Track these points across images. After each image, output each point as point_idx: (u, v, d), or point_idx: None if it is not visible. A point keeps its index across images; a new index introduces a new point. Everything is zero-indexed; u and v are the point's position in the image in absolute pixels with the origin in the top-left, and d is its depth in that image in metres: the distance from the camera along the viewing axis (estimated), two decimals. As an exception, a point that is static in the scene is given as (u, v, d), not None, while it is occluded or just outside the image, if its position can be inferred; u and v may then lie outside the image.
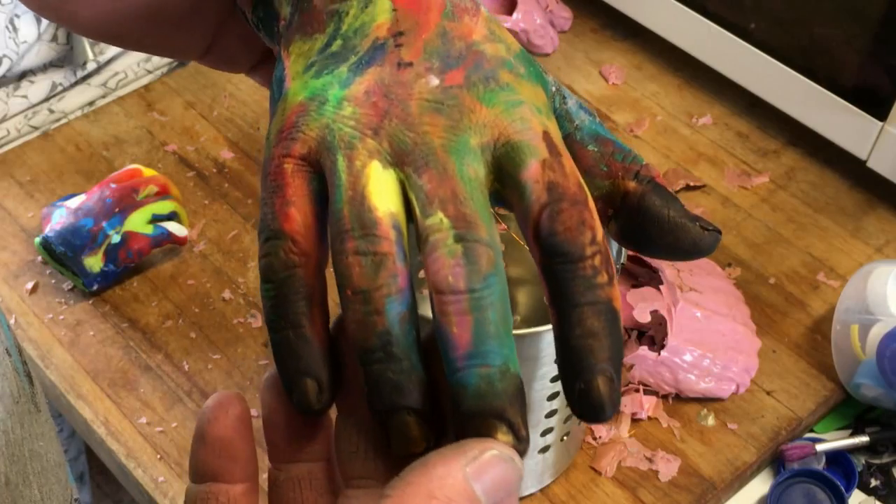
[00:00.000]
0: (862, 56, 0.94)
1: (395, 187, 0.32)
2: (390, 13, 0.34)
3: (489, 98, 0.33)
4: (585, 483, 0.80)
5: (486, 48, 0.34)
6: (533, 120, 0.33)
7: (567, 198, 0.32)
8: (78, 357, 0.87)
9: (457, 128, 0.32)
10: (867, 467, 0.83)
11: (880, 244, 0.98)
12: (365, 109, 0.32)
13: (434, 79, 0.33)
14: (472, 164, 0.32)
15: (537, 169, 0.32)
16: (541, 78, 0.36)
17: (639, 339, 0.87)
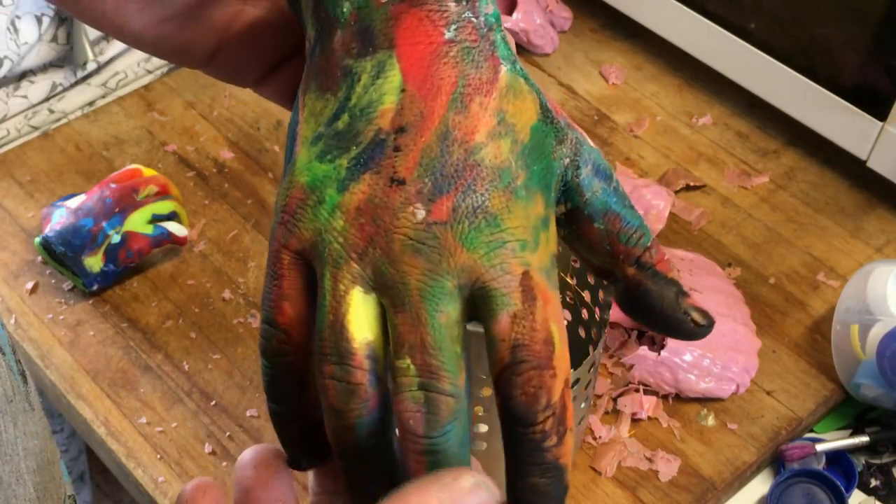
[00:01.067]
0: (862, 56, 0.94)
1: (376, 312, 0.35)
2: (398, 95, 0.35)
3: (471, 239, 0.34)
4: (585, 483, 0.80)
5: (486, 155, 0.35)
6: (513, 263, 0.34)
7: (529, 360, 0.34)
8: (78, 357, 0.87)
9: (435, 271, 0.34)
10: (867, 467, 0.83)
11: (880, 244, 0.98)
12: (354, 230, 0.35)
13: (420, 211, 0.34)
14: (446, 309, 0.34)
15: (506, 324, 0.34)
16: (545, 167, 0.36)
17: (639, 339, 0.87)
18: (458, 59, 0.35)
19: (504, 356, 0.34)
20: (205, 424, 0.83)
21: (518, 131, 0.36)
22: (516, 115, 0.36)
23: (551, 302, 0.35)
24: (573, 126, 0.38)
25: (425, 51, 0.35)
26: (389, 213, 0.34)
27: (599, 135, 1.08)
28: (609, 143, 1.07)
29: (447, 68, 0.35)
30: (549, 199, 0.37)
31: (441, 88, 0.35)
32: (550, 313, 0.34)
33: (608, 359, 0.86)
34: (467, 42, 0.36)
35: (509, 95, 0.36)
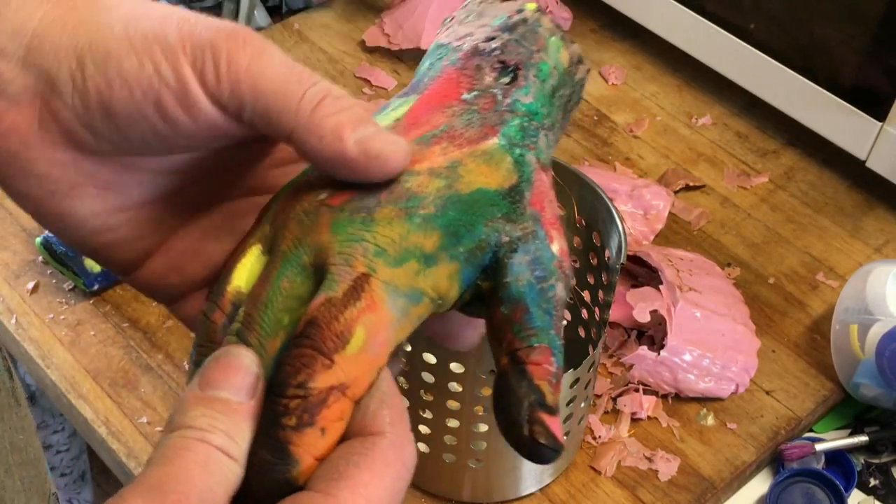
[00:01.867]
0: (861, 56, 0.94)
1: (258, 268, 0.37)
2: (391, 124, 0.39)
3: (339, 226, 0.36)
4: (585, 482, 0.80)
5: (412, 181, 0.36)
6: (359, 260, 0.35)
7: (312, 340, 0.34)
8: (78, 357, 0.87)
9: (299, 242, 0.36)
10: (866, 467, 0.83)
11: (879, 244, 0.99)
12: (282, 201, 0.38)
13: (323, 193, 0.36)
14: (294, 279, 0.36)
15: (317, 303, 0.34)
16: (466, 222, 0.36)
17: (638, 338, 0.88)
18: (456, 115, 0.38)
19: (299, 329, 0.34)
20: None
21: (460, 181, 0.37)
22: (472, 172, 0.37)
23: (376, 315, 0.35)
24: (546, 226, 0.38)
25: (438, 100, 0.39)
26: (307, 191, 0.37)
27: (599, 135, 1.08)
28: (609, 143, 1.07)
29: (441, 116, 0.38)
30: (451, 251, 0.36)
31: (421, 126, 0.38)
32: (366, 322, 0.34)
33: (608, 359, 0.87)
34: (477, 107, 0.39)
35: (480, 158, 0.37)
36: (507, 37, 0.40)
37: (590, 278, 0.76)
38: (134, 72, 0.36)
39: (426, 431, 0.72)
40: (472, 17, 0.42)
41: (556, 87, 0.41)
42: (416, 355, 0.67)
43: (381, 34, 1.15)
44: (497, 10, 0.41)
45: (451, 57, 0.40)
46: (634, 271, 0.91)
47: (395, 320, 0.35)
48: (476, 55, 0.40)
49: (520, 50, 0.40)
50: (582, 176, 0.73)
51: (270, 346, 0.35)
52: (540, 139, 0.39)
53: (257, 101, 0.36)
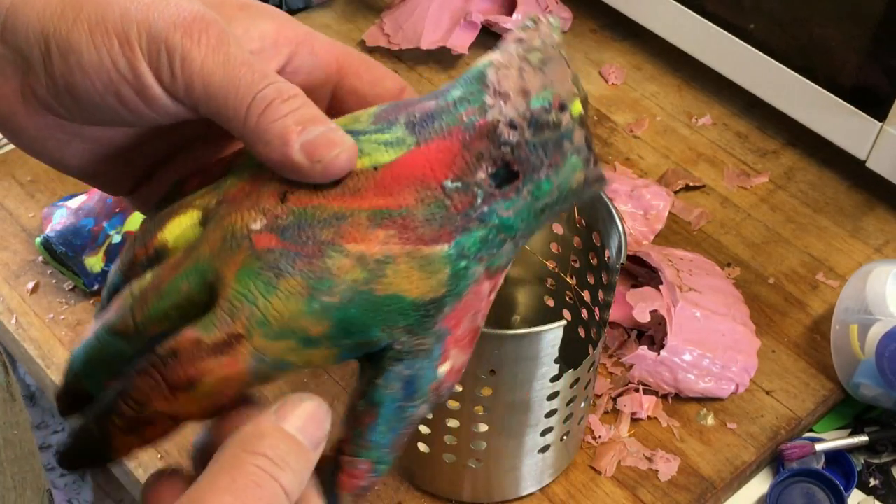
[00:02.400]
0: (861, 56, 0.94)
1: (191, 238, 0.38)
2: (372, 170, 0.38)
3: (245, 275, 0.36)
4: (585, 482, 0.80)
5: (336, 257, 0.36)
6: (241, 321, 0.36)
7: (166, 371, 0.36)
8: (79, 357, 0.87)
9: (211, 261, 0.37)
10: (866, 467, 0.83)
11: (879, 244, 0.99)
12: (236, 189, 0.39)
13: (258, 223, 0.36)
14: (193, 285, 0.37)
15: (189, 339, 0.36)
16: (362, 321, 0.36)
17: (638, 338, 0.88)
18: (425, 202, 0.36)
19: (162, 349, 0.36)
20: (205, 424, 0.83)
21: (380, 282, 0.36)
22: (399, 274, 0.36)
23: (233, 372, 0.36)
24: (447, 345, 0.38)
25: (421, 171, 0.37)
26: (257, 196, 0.37)
27: (599, 135, 1.08)
28: (609, 143, 1.07)
29: (411, 196, 0.36)
30: (336, 341, 0.36)
31: (386, 196, 0.36)
32: (221, 375, 0.36)
33: (608, 358, 0.87)
34: (449, 203, 0.36)
35: (417, 262, 0.36)
36: (528, 135, 0.36)
37: (590, 278, 0.76)
38: (94, 65, 0.37)
39: (426, 431, 0.72)
40: (533, 61, 0.37)
41: (551, 205, 0.38)
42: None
43: (381, 34, 1.15)
44: (553, 78, 0.37)
45: (470, 115, 0.37)
46: (634, 271, 0.91)
47: (250, 381, 0.36)
48: (487, 137, 0.37)
49: (531, 158, 0.36)
50: (582, 176, 0.73)
51: (151, 328, 0.37)
52: (504, 248, 0.38)
53: (209, 103, 0.37)
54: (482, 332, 0.38)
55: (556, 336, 0.65)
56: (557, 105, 0.36)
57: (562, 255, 0.79)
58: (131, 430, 0.36)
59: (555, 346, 0.65)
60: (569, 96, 0.36)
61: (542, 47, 0.37)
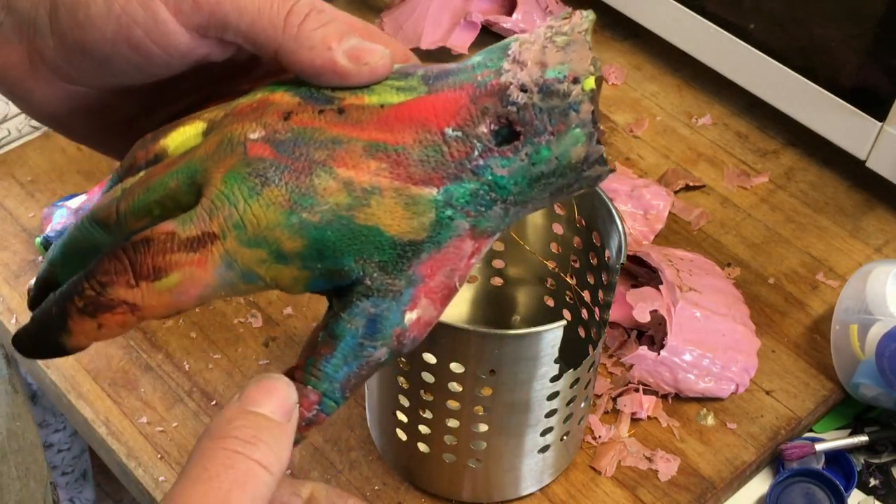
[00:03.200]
0: (861, 56, 0.94)
1: (193, 145, 0.39)
2: (378, 107, 0.39)
3: (232, 177, 0.36)
4: (585, 482, 0.80)
5: (324, 177, 0.36)
6: (218, 220, 0.36)
7: (134, 257, 0.36)
8: (78, 356, 0.87)
9: (203, 162, 0.37)
10: (866, 467, 0.83)
11: (879, 244, 0.99)
12: (244, 105, 0.39)
13: (256, 133, 0.37)
14: (181, 184, 0.37)
15: (163, 230, 0.36)
16: (336, 247, 0.36)
17: (638, 338, 0.88)
18: (422, 144, 0.37)
19: (134, 238, 0.36)
20: (205, 424, 0.84)
21: (363, 210, 0.36)
22: (382, 207, 0.36)
23: (200, 272, 0.36)
24: (418, 293, 0.38)
25: (425, 114, 0.37)
26: (263, 112, 0.38)
27: (599, 135, 1.08)
28: (609, 143, 1.07)
29: (409, 135, 0.37)
30: (308, 262, 0.37)
31: (386, 132, 0.37)
32: (188, 273, 0.36)
33: (608, 358, 0.87)
34: (446, 149, 0.37)
35: (402, 199, 0.36)
36: (536, 99, 0.37)
37: (590, 278, 0.76)
38: (102, 14, 0.37)
39: (426, 431, 0.72)
40: (558, 42, 0.38)
41: (547, 175, 0.37)
42: (416, 355, 0.67)
43: (381, 34, 1.15)
44: (573, 57, 0.37)
45: (485, 76, 0.38)
46: (634, 271, 0.91)
47: (216, 286, 0.36)
48: (496, 95, 0.37)
49: (535, 123, 0.37)
50: (582, 176, 0.73)
51: (132, 222, 0.37)
52: (493, 210, 0.37)
53: (241, 18, 0.37)
54: (482, 332, 0.38)
55: (556, 336, 0.65)
56: (571, 78, 0.37)
57: (562, 255, 0.79)
58: (89, 312, 0.37)
59: (555, 346, 0.65)
60: (584, 72, 0.37)
61: (570, 32, 0.38)
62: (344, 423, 0.82)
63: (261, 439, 0.34)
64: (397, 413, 0.73)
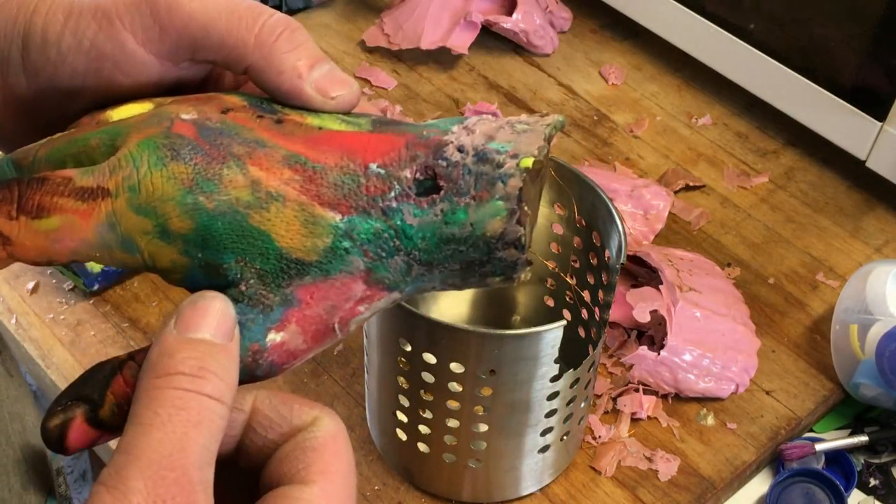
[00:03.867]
0: (861, 56, 0.94)
1: None
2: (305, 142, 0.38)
3: (147, 143, 0.36)
4: (585, 482, 0.80)
5: (232, 175, 0.36)
6: (116, 178, 0.36)
7: (24, 190, 0.35)
8: (79, 357, 0.87)
9: (127, 129, 0.37)
10: (866, 467, 0.83)
11: (879, 244, 0.99)
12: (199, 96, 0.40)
13: (189, 115, 0.37)
14: (102, 143, 0.37)
15: (62, 174, 0.36)
16: (214, 243, 0.36)
17: (638, 338, 0.88)
18: (342, 172, 0.36)
19: (35, 173, 0.36)
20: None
21: (260, 214, 0.35)
22: (280, 217, 0.35)
23: (80, 223, 0.35)
24: (289, 318, 0.36)
25: (357, 147, 0.36)
26: (205, 102, 0.38)
27: (599, 135, 1.08)
28: (609, 143, 1.07)
29: (333, 159, 0.36)
30: (189, 248, 0.36)
31: (313, 148, 0.36)
32: (69, 221, 0.35)
33: (608, 358, 0.87)
34: (363, 184, 0.36)
35: (303, 216, 0.36)
36: (469, 162, 0.36)
37: (590, 278, 0.76)
38: (73, 51, 0.37)
39: (426, 431, 0.72)
40: (517, 127, 0.37)
41: (458, 240, 0.36)
42: (416, 355, 0.67)
43: (381, 34, 1.15)
44: (524, 140, 0.36)
45: (430, 132, 0.37)
46: (634, 271, 0.91)
47: (93, 243, 0.36)
48: (432, 148, 0.36)
49: (460, 183, 0.35)
50: (582, 176, 0.73)
51: (45, 168, 0.37)
52: (394, 260, 0.36)
53: (210, 37, 0.37)
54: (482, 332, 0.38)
55: (556, 336, 0.65)
56: (511, 153, 0.36)
57: (562, 255, 0.79)
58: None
59: (555, 346, 0.65)
60: (526, 152, 0.36)
61: (533, 124, 0.37)
62: (344, 423, 0.82)
63: (208, 370, 0.32)
64: (397, 413, 0.73)
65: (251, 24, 0.37)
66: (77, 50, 0.37)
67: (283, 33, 0.37)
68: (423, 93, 1.11)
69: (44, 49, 0.37)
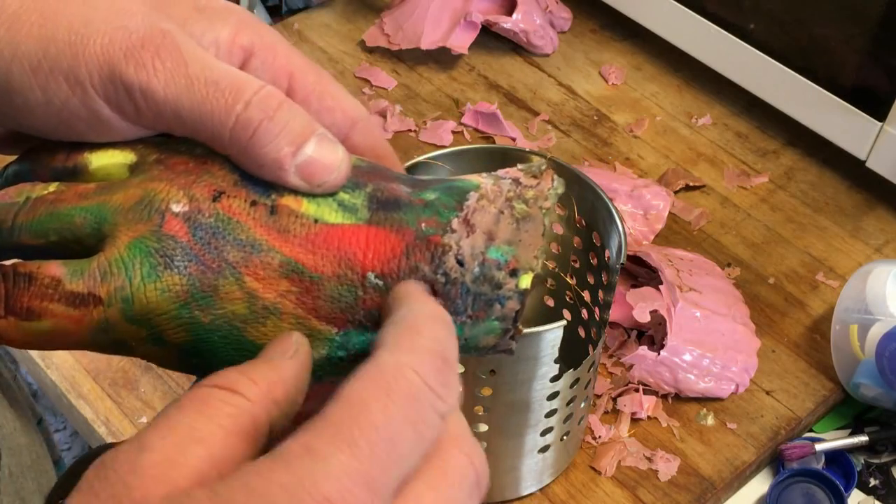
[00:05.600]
0: (861, 56, 0.94)
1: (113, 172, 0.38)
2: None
3: (137, 248, 0.35)
4: (585, 482, 0.80)
5: (229, 288, 0.34)
6: (108, 286, 0.35)
7: (13, 289, 0.34)
8: (78, 357, 0.87)
9: (115, 214, 0.36)
10: (866, 467, 0.83)
11: (879, 244, 0.99)
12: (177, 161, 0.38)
13: (179, 206, 0.35)
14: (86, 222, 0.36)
15: (53, 270, 0.35)
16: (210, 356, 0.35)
17: (638, 338, 0.88)
18: (339, 282, 0.35)
19: (25, 267, 0.35)
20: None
21: (257, 328, 0.35)
22: (277, 330, 0.35)
23: (74, 330, 0.35)
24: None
25: (354, 249, 0.35)
26: (194, 181, 0.36)
27: (599, 135, 1.08)
28: (609, 143, 1.07)
29: (331, 266, 0.35)
30: (184, 352, 0.35)
31: (312, 252, 0.35)
32: (61, 326, 0.34)
33: (608, 358, 0.87)
34: (360, 296, 0.35)
35: (300, 328, 0.35)
36: (468, 279, 0.35)
37: (590, 278, 0.76)
38: (42, 105, 0.35)
39: (426, 431, 0.72)
40: (517, 209, 0.36)
41: None
42: (416, 355, 0.67)
43: (381, 34, 1.15)
44: (524, 239, 0.35)
45: (430, 226, 0.35)
46: (634, 271, 0.91)
47: (84, 343, 0.35)
48: (431, 257, 0.35)
49: (458, 300, 0.35)
50: (582, 176, 0.73)
51: (25, 237, 0.36)
52: None
53: (184, 128, 0.35)
54: None
55: (556, 336, 0.65)
56: (510, 268, 0.35)
57: (562, 255, 0.79)
58: None
59: (555, 346, 0.65)
60: (525, 266, 0.35)
61: (531, 203, 0.36)
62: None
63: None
64: (397, 413, 0.73)
65: (225, 119, 0.34)
66: (47, 106, 0.35)
67: (262, 124, 0.34)
68: (423, 93, 1.11)
69: (9, 96, 0.35)
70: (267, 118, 0.34)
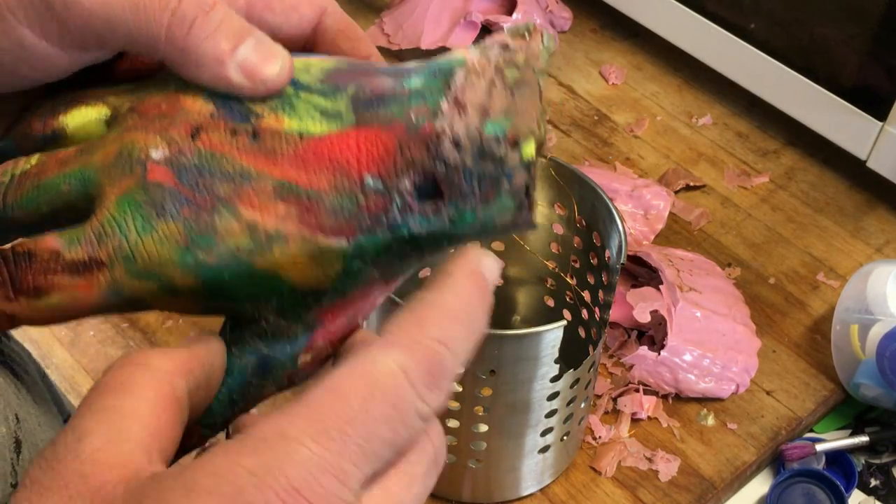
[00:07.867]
0: (861, 56, 0.94)
1: (96, 131, 0.36)
2: None
3: (126, 203, 0.34)
4: (585, 483, 0.80)
5: (225, 222, 0.33)
6: (107, 249, 0.34)
7: (16, 272, 0.34)
8: (78, 357, 0.87)
9: (98, 175, 0.35)
10: (867, 467, 0.83)
11: (880, 244, 0.99)
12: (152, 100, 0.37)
13: (159, 152, 0.34)
14: (73, 189, 0.35)
15: (50, 245, 0.34)
16: (225, 293, 0.35)
17: (639, 338, 0.87)
18: (337, 192, 0.34)
19: (22, 246, 0.34)
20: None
21: (265, 255, 0.34)
22: (286, 256, 0.34)
23: (84, 296, 0.34)
24: (316, 338, 0.36)
25: (347, 156, 0.34)
26: (171, 120, 0.35)
27: (599, 135, 1.08)
28: (609, 143, 1.07)
29: (324, 179, 0.34)
30: (201, 300, 0.35)
31: (301, 168, 0.34)
32: (71, 296, 0.34)
33: (608, 359, 0.86)
34: (362, 201, 0.33)
35: (309, 249, 0.34)
36: (469, 160, 0.33)
37: (590, 278, 0.76)
38: None
39: (426, 432, 0.72)
40: (508, 77, 0.34)
41: (470, 235, 0.34)
42: (415, 355, 0.67)
43: (381, 34, 1.15)
44: (520, 106, 0.33)
45: (419, 114, 0.34)
46: (634, 271, 0.91)
47: (102, 306, 0.35)
48: (427, 147, 0.33)
49: (463, 185, 0.33)
50: (582, 176, 0.73)
51: (19, 215, 0.35)
52: (406, 261, 0.35)
53: (116, 33, 0.34)
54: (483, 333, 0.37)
55: (556, 336, 0.65)
56: (511, 139, 0.33)
57: (562, 255, 0.79)
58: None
59: (555, 346, 0.65)
60: (526, 133, 0.33)
61: (523, 67, 0.34)
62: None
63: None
64: (397, 413, 0.73)
65: (159, 17, 0.33)
66: None
67: (197, 20, 0.33)
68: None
69: None
70: (202, 13, 0.33)
